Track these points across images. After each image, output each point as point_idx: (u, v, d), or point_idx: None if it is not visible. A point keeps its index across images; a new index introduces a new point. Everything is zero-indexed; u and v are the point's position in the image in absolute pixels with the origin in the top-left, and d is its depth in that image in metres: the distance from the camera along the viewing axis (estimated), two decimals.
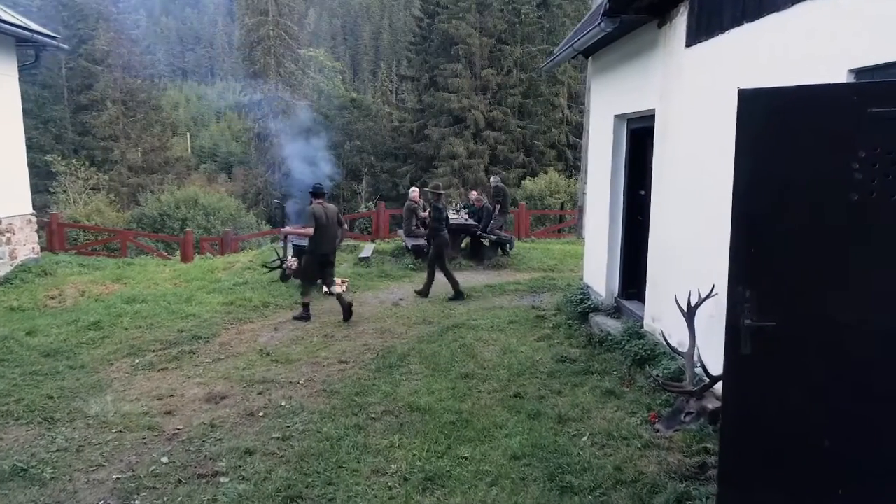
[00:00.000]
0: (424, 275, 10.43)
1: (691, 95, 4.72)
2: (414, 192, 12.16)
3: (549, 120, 39.12)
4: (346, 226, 8.10)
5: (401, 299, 8.61)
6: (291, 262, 8.78)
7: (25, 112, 37.92)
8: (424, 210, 12.30)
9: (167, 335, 6.59)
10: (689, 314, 4.33)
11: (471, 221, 11.55)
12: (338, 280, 9.12)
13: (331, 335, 6.79)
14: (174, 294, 8.53)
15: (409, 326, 7.15)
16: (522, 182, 30.45)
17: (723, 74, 4.23)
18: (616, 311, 6.60)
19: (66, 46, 11.31)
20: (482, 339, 6.42)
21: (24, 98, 37.04)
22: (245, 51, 48.31)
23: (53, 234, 14.46)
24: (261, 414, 4.57)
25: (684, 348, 4.68)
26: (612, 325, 6.19)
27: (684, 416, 3.95)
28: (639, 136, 6.34)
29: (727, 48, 4.17)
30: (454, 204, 14.02)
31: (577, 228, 15.82)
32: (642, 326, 5.72)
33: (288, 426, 4.32)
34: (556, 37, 39.02)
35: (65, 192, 30.08)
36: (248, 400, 4.87)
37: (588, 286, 7.47)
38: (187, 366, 5.72)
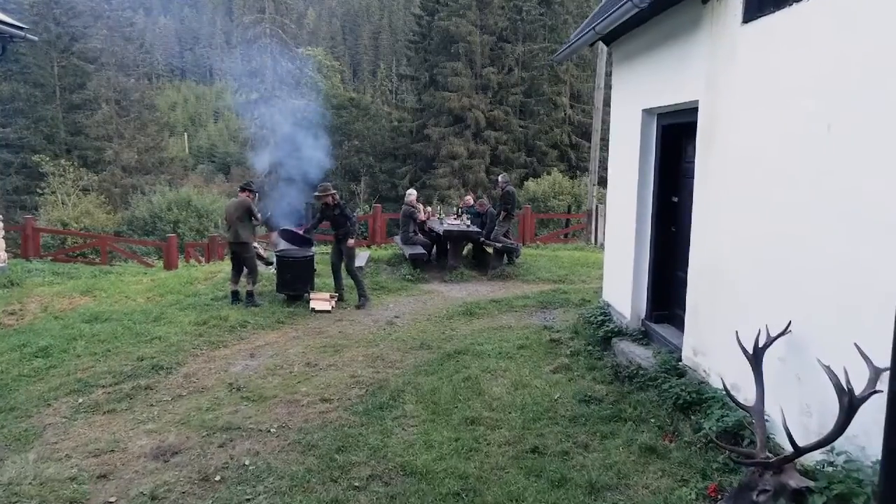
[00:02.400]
0: (421, 286, 9.58)
1: (751, 83, 3.81)
2: (411, 195, 11.25)
3: (551, 119, 38.30)
4: (255, 220, 8.08)
5: (396, 317, 7.70)
6: None
7: (16, 111, 36.76)
8: (423, 214, 11.41)
9: (123, 365, 5.68)
10: (756, 357, 3.44)
11: (473, 228, 10.64)
12: (326, 294, 8.24)
13: (314, 363, 5.89)
14: (143, 311, 7.62)
15: (405, 352, 6.24)
16: (525, 183, 29.57)
17: (800, 54, 3.33)
18: (644, 337, 5.69)
19: (34, 38, 10.40)
20: (489, 370, 5.52)
21: (15, 97, 35.99)
22: (242, 49, 47.56)
23: (28, 240, 13.54)
24: (217, 478, 3.67)
25: (741, 393, 3.80)
26: (642, 355, 5.28)
27: (757, 496, 3.05)
28: (672, 133, 5.44)
29: (807, 19, 3.27)
30: (455, 209, 13.11)
31: (585, 233, 14.93)
32: (680, 359, 4.82)
33: (248, 499, 3.42)
34: (558, 34, 38.21)
35: (53, 193, 29.21)
36: (206, 456, 3.97)
37: (609, 305, 6.57)
38: (140, 406, 4.82)
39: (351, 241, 8.29)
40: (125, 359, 5.86)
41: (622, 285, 6.17)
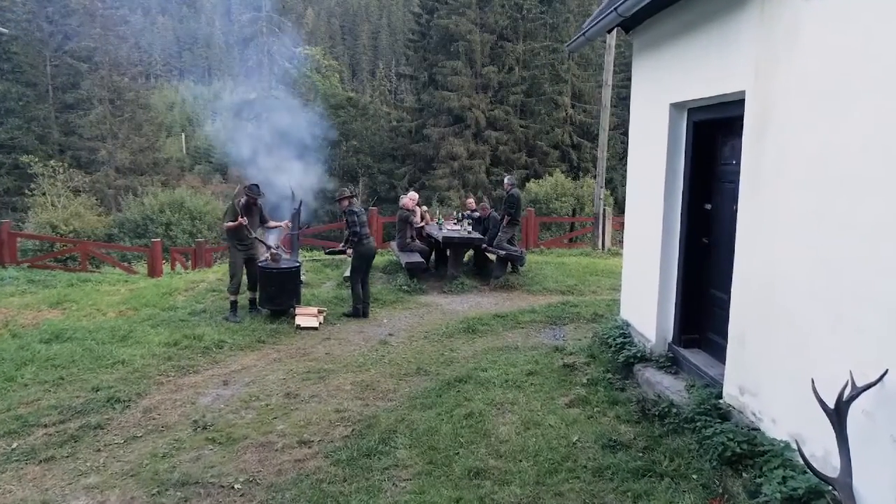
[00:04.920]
0: (419, 298, 8.88)
1: (823, 68, 3.10)
2: (407, 197, 10.45)
3: (552, 119, 37.65)
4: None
5: (390, 334, 6.99)
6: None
7: (8, 111, 36.13)
8: (420, 218, 10.68)
9: (75, 397, 4.95)
10: (839, 413, 2.71)
11: (475, 234, 9.91)
12: (314, 309, 7.52)
13: (295, 393, 5.17)
14: (111, 328, 6.90)
15: (399, 379, 5.52)
16: (526, 185, 28.84)
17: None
18: (672, 364, 4.97)
19: (5, 31, 9.69)
20: (495, 403, 4.80)
21: (7, 96, 35.38)
22: (239, 48, 47.05)
23: (3, 246, 12.80)
24: None
25: (807, 446, 3.08)
26: (672, 387, 4.57)
27: None
28: (705, 130, 4.74)
29: None
30: (455, 213, 12.37)
31: (592, 238, 14.21)
32: (720, 396, 4.09)
33: None
34: (559, 33, 37.56)
35: (43, 195, 28.48)
36: None
37: (628, 324, 5.84)
38: (85, 452, 4.09)
39: (349, 251, 7.89)
40: (79, 389, 5.13)
41: (644, 303, 5.45)
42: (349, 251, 7.88)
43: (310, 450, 4.11)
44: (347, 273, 9.49)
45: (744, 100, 3.84)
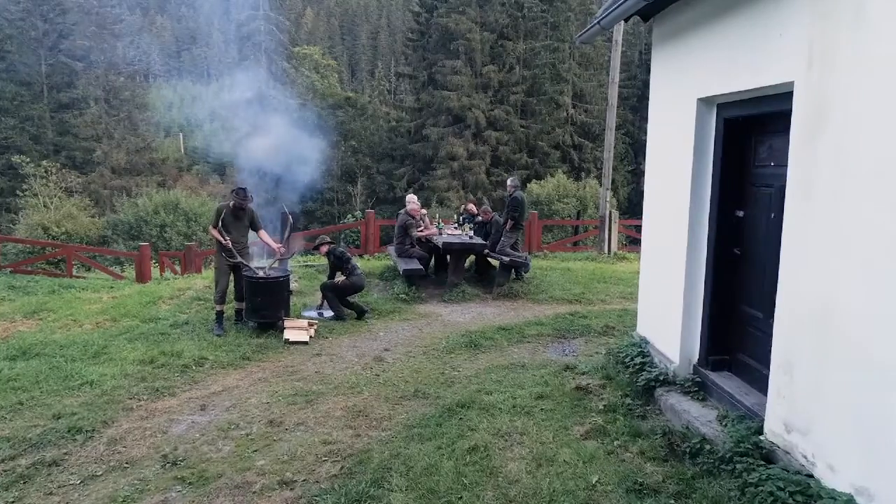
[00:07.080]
0: (417, 307, 8.36)
1: None
2: (412, 202, 9.86)
3: (553, 119, 37.24)
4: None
5: (386, 349, 6.47)
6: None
7: (2, 111, 35.51)
8: (420, 227, 10.13)
9: (32, 425, 4.43)
10: None
11: (476, 240, 9.39)
12: (304, 322, 7.00)
13: (279, 420, 4.65)
14: (84, 342, 6.38)
15: (395, 403, 5.00)
16: (528, 185, 28.38)
17: None
18: (699, 390, 4.46)
19: None
20: (501, 434, 4.28)
21: (1, 96, 34.72)
22: (236, 47, 46.68)
23: None
24: None
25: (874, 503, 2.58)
26: (701, 417, 4.06)
27: None
28: (738, 129, 4.23)
29: None
30: (455, 217, 11.86)
31: (598, 241, 13.70)
32: (760, 432, 3.58)
33: None
34: (560, 32, 37.11)
35: (35, 196, 27.95)
36: None
37: (647, 342, 5.33)
38: (34, 495, 3.57)
39: (342, 278, 7.88)
40: (38, 416, 4.61)
41: (666, 319, 4.94)
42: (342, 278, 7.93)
43: (292, 492, 3.60)
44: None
45: (789, 93, 3.34)
